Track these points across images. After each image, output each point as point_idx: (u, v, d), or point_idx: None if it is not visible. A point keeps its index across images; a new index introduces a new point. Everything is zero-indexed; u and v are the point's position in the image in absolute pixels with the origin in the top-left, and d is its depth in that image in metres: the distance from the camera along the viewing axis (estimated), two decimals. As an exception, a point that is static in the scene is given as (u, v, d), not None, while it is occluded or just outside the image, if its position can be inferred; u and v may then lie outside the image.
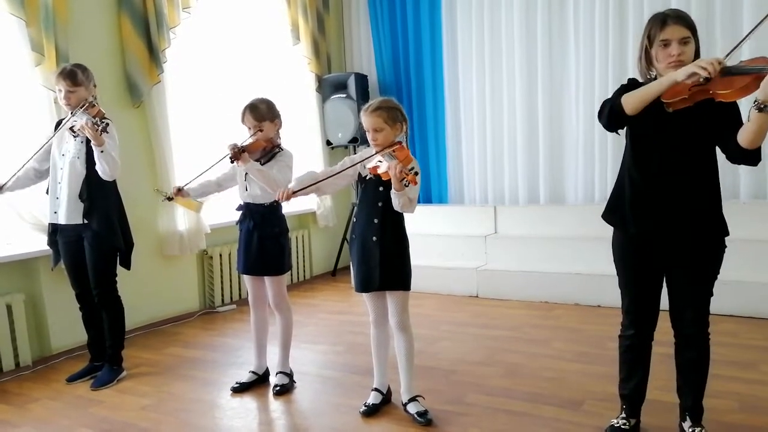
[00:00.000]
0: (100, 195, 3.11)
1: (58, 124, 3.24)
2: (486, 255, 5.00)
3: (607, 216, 2.25)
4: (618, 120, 2.03)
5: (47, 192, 3.19)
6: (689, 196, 2.05)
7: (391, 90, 5.77)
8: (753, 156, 1.95)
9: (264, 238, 2.93)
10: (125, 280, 3.40)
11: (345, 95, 5.55)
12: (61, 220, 3.12)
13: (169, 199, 3.11)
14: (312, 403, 2.91)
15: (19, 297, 3.46)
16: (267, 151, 2.93)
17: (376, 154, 2.44)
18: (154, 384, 3.21)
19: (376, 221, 2.54)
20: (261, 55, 5.19)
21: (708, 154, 2.06)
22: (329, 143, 5.72)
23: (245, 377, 3.12)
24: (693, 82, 1.86)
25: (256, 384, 3.10)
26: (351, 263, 2.72)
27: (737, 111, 2.00)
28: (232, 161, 2.77)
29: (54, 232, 3.19)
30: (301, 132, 5.54)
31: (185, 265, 4.54)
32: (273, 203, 2.88)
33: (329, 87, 5.64)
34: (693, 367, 2.19)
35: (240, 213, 3.01)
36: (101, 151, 2.97)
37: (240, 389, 3.04)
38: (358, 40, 6.12)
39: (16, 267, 3.51)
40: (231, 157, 2.74)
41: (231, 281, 4.84)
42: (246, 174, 2.90)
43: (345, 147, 5.72)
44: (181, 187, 3.03)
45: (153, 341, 3.98)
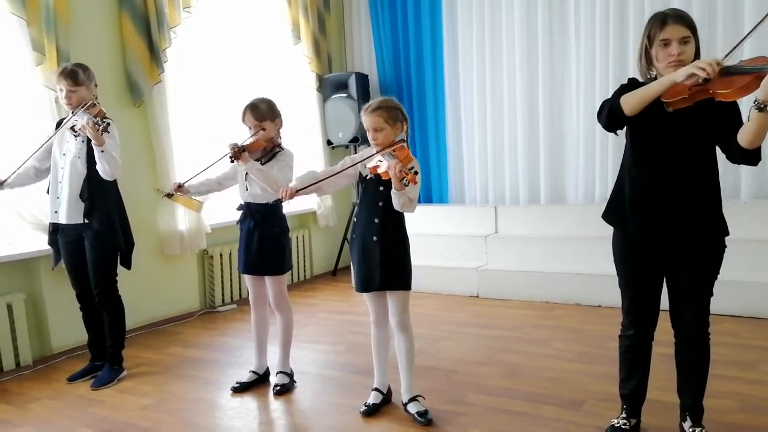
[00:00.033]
0: (100, 194, 3.11)
1: (59, 123, 3.24)
2: (486, 255, 5.00)
3: (608, 216, 2.25)
4: (617, 120, 2.03)
5: (48, 191, 3.19)
6: (689, 195, 2.05)
7: (392, 89, 5.76)
8: (753, 156, 1.95)
9: (264, 237, 2.93)
10: (126, 279, 3.40)
11: (346, 95, 5.54)
12: (62, 219, 3.13)
13: (169, 196, 3.10)
14: (312, 403, 2.91)
15: (20, 296, 3.46)
16: (267, 151, 2.92)
17: (376, 153, 2.44)
18: (154, 384, 3.21)
19: (376, 221, 2.54)
20: (262, 55, 5.19)
21: (708, 153, 2.06)
22: (330, 143, 5.72)
23: (245, 377, 3.12)
24: (692, 82, 1.86)
25: (256, 384, 3.10)
26: (351, 263, 2.72)
27: (737, 111, 2.00)
28: (232, 161, 2.76)
29: (54, 231, 3.19)
30: (302, 131, 5.53)
31: (186, 265, 4.55)
32: (274, 203, 2.87)
33: (330, 86, 5.63)
34: (693, 367, 2.19)
35: (240, 213, 3.01)
36: (102, 151, 2.97)
37: (240, 389, 3.04)
38: (358, 39, 6.11)
39: (16, 266, 3.51)
40: (231, 157, 2.73)
41: (231, 281, 4.84)
42: (246, 174, 2.90)
43: (345, 147, 5.72)
44: (182, 184, 3.01)
45: (153, 341, 3.98)
